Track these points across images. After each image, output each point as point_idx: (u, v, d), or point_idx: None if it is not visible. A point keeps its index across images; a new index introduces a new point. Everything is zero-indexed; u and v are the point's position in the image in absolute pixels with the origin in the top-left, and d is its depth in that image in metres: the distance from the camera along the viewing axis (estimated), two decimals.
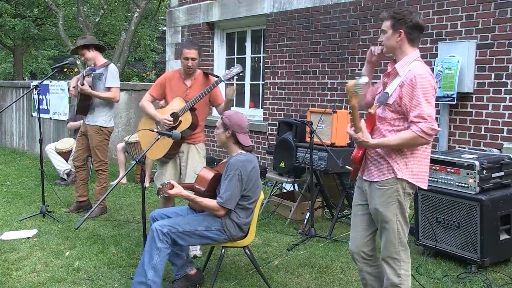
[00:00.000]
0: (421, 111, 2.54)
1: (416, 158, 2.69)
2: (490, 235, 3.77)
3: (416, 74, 2.60)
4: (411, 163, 2.68)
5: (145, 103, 4.28)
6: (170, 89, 4.23)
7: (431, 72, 2.66)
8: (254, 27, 8.33)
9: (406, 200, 2.73)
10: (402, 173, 2.67)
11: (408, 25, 2.67)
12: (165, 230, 3.16)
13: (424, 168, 2.73)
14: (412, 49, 2.73)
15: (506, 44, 5.15)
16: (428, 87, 2.58)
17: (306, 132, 4.94)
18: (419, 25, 2.70)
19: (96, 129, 5.26)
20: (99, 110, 5.27)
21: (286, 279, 3.71)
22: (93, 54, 5.27)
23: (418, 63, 2.68)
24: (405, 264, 2.76)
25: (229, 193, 3.21)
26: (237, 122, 3.34)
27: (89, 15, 16.03)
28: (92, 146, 5.31)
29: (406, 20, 2.68)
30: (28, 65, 22.98)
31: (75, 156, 5.52)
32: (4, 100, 10.85)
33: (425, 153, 2.71)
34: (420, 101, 2.55)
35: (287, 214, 5.29)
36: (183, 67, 4.15)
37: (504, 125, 5.19)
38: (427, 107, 2.55)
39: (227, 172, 3.26)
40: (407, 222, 2.76)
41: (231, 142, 3.38)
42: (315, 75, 7.02)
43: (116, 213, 5.52)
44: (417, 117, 2.55)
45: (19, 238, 4.54)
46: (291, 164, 5.19)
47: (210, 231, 3.28)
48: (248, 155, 3.37)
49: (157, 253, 3.15)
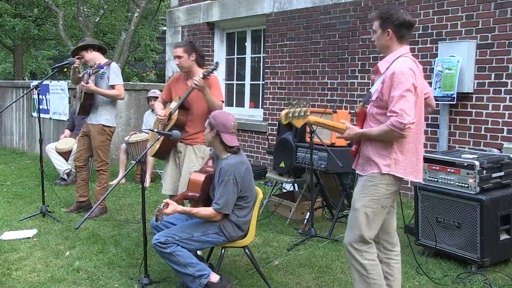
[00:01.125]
0: (393, 106, 2.64)
1: (405, 152, 2.77)
2: (490, 235, 3.77)
3: (395, 70, 2.68)
4: (400, 157, 2.76)
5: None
6: (174, 90, 4.33)
7: (412, 67, 2.72)
8: (254, 27, 8.33)
9: (385, 197, 2.80)
10: (388, 168, 2.75)
11: (395, 24, 2.76)
12: (163, 239, 3.17)
13: (414, 162, 2.80)
14: (400, 46, 2.81)
15: (506, 44, 5.15)
16: (404, 83, 2.65)
17: (306, 132, 4.94)
18: (406, 21, 2.77)
19: (99, 128, 5.25)
20: (102, 109, 5.26)
21: (286, 279, 3.71)
22: (92, 55, 5.27)
23: (402, 59, 2.75)
24: (368, 254, 2.84)
25: (225, 198, 3.19)
26: (222, 122, 3.28)
27: (89, 15, 16.04)
28: (94, 146, 5.30)
29: (392, 19, 2.76)
30: (28, 65, 22.99)
31: (76, 156, 5.51)
32: (4, 100, 10.85)
33: (414, 147, 2.79)
34: (394, 96, 2.65)
35: (287, 214, 5.29)
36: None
37: (504, 125, 5.20)
38: (399, 102, 2.63)
39: (221, 178, 3.22)
40: (374, 220, 2.82)
41: (217, 142, 3.33)
42: (315, 75, 7.02)
43: (116, 213, 5.52)
44: (390, 111, 2.66)
45: (19, 238, 4.54)
46: (291, 164, 5.19)
47: (207, 235, 3.27)
48: (239, 157, 3.32)
49: (175, 256, 3.16)
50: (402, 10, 2.79)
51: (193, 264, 3.20)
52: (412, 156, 2.79)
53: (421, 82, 2.81)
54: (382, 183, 2.79)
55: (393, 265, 2.98)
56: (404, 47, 2.82)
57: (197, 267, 3.20)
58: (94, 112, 5.28)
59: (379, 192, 2.79)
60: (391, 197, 2.86)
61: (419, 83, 2.76)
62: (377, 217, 2.84)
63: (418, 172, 2.83)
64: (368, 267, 2.82)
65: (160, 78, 18.83)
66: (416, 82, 2.70)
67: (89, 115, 5.31)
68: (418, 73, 2.78)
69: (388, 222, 2.99)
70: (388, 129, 2.66)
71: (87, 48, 5.26)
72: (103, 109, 5.26)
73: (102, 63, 5.20)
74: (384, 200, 2.82)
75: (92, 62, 5.25)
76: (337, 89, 6.75)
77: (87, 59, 5.26)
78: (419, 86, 2.75)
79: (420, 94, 2.78)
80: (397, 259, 3.01)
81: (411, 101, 2.65)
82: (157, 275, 3.74)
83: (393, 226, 3.03)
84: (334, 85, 6.78)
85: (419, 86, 2.75)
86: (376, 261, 2.87)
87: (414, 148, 2.80)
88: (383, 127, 2.70)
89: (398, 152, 2.76)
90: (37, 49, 21.90)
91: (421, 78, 2.83)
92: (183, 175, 4.17)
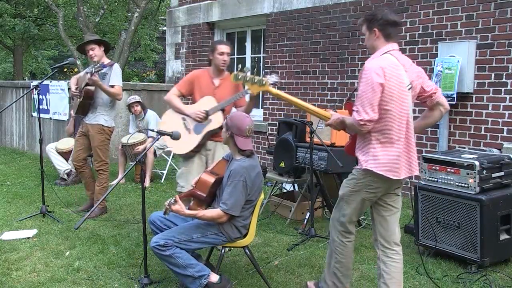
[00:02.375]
0: (356, 101, 2.82)
1: (385, 149, 2.85)
2: (490, 235, 3.77)
3: (365, 66, 2.84)
4: (379, 153, 2.85)
5: (172, 97, 4.28)
6: (199, 87, 4.26)
7: (386, 66, 2.79)
8: (254, 27, 8.34)
9: (366, 191, 2.95)
10: (366, 164, 2.88)
11: (379, 23, 2.90)
12: (162, 242, 3.16)
13: (394, 159, 2.85)
14: (385, 44, 2.92)
15: (506, 44, 5.15)
16: (368, 80, 2.76)
17: (306, 132, 4.94)
18: (390, 20, 2.89)
19: (98, 128, 5.25)
20: (101, 109, 5.26)
21: (286, 279, 3.71)
22: (101, 52, 5.30)
23: (384, 56, 2.86)
24: (343, 236, 3.11)
25: (234, 200, 3.18)
26: (237, 125, 3.28)
27: (89, 15, 16.03)
28: (93, 146, 5.30)
29: (377, 18, 2.91)
30: (28, 65, 22.97)
31: (74, 157, 5.48)
32: (4, 100, 10.85)
33: (396, 145, 2.85)
34: (358, 92, 2.83)
35: (287, 214, 5.29)
36: (217, 63, 4.20)
37: (504, 125, 5.20)
38: (360, 99, 2.78)
39: (231, 178, 3.21)
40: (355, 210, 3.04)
41: (231, 143, 3.34)
42: (315, 75, 7.02)
43: (116, 213, 5.51)
44: (354, 105, 2.85)
45: (19, 238, 4.54)
46: (291, 164, 5.19)
47: (206, 237, 3.27)
48: (252, 160, 3.32)
49: (174, 258, 3.16)
50: (386, 10, 2.92)
51: (193, 265, 3.19)
52: (393, 153, 2.85)
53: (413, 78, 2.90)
54: (362, 178, 2.93)
55: (390, 264, 3.00)
56: (390, 44, 2.92)
57: (197, 268, 3.20)
58: (93, 112, 5.27)
59: (359, 186, 2.96)
60: (376, 192, 2.95)
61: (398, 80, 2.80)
62: (356, 208, 3.04)
63: (399, 170, 2.86)
64: (337, 243, 3.12)
65: (160, 78, 18.81)
66: (386, 81, 2.75)
67: (87, 115, 5.30)
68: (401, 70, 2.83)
69: (386, 221, 3.03)
70: (352, 122, 2.84)
71: (100, 44, 5.29)
72: (102, 110, 5.26)
73: (105, 63, 5.21)
74: (365, 193, 2.96)
75: (98, 58, 5.25)
76: (337, 89, 6.75)
77: (96, 54, 5.24)
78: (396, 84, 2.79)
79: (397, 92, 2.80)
80: (395, 258, 3.01)
81: (372, 99, 2.74)
82: (157, 275, 3.74)
83: (392, 225, 3.04)
84: (334, 85, 6.78)
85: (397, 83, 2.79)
86: (347, 245, 3.12)
87: (396, 146, 2.85)
88: (350, 119, 2.88)
89: (377, 148, 2.85)
90: (37, 49, 21.87)
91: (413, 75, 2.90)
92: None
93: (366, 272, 3.84)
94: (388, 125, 2.82)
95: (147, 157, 6.95)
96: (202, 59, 8.86)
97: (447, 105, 3.07)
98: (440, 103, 3.02)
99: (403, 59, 2.91)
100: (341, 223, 3.11)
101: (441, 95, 3.04)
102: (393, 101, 2.79)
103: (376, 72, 2.75)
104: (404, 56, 2.95)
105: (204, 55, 8.80)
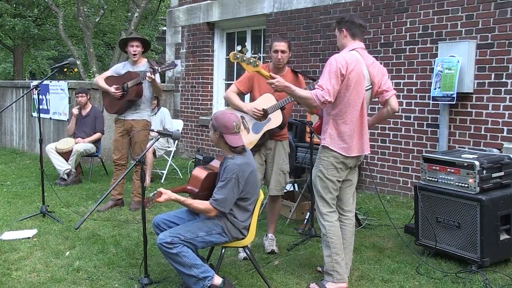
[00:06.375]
0: (320, 81, 3.23)
1: (340, 131, 3.32)
2: (490, 235, 3.77)
3: (332, 57, 3.24)
4: (334, 134, 3.34)
5: (231, 94, 4.24)
6: (258, 85, 4.18)
7: (350, 60, 3.22)
8: (254, 27, 8.34)
9: (329, 168, 3.37)
10: (324, 141, 3.38)
11: (346, 23, 3.36)
12: (169, 239, 3.15)
13: (348, 141, 3.33)
14: (352, 42, 3.35)
15: (506, 44, 5.16)
16: (332, 66, 3.19)
17: (306, 132, 4.94)
18: (356, 22, 3.34)
19: (144, 124, 5.50)
20: (144, 106, 5.53)
21: (286, 279, 3.71)
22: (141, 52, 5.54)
23: (350, 53, 3.27)
24: (328, 217, 3.42)
25: (224, 196, 3.18)
26: (223, 123, 3.26)
27: (89, 15, 16.03)
28: (137, 141, 5.47)
29: (344, 19, 3.38)
30: (28, 65, 22.99)
31: (119, 156, 5.59)
32: (4, 100, 10.85)
33: (350, 130, 3.31)
34: (323, 75, 3.22)
35: (287, 214, 5.29)
36: (273, 61, 4.13)
37: (504, 125, 5.20)
38: (325, 80, 3.19)
39: (224, 175, 3.22)
40: (327, 187, 3.40)
41: (222, 143, 3.32)
42: (315, 75, 7.02)
43: (116, 213, 5.52)
44: (317, 84, 3.24)
45: (19, 238, 4.54)
46: (291, 164, 5.19)
47: (211, 236, 3.27)
48: (245, 157, 3.31)
49: (181, 257, 3.14)
50: (353, 14, 3.49)
51: (198, 265, 3.18)
52: (347, 137, 3.32)
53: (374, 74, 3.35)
54: (323, 155, 3.40)
55: (343, 227, 3.50)
56: (356, 42, 3.36)
57: (202, 269, 3.19)
58: (136, 110, 5.49)
59: (323, 164, 3.40)
60: (338, 170, 3.38)
61: (357, 74, 3.24)
62: (328, 183, 3.39)
63: (350, 149, 3.34)
64: (327, 227, 3.41)
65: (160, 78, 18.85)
66: (348, 73, 3.19)
67: (126, 112, 5.48)
68: (362, 65, 3.27)
69: (342, 191, 3.51)
70: (310, 96, 3.21)
71: (143, 44, 5.54)
72: (145, 106, 5.55)
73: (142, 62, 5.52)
74: (329, 170, 3.37)
75: (138, 58, 5.49)
76: None
77: (139, 52, 5.47)
78: (355, 76, 3.23)
79: (354, 83, 3.24)
80: (347, 222, 3.54)
81: (335, 85, 3.17)
82: (157, 275, 3.74)
83: (347, 195, 3.53)
84: None
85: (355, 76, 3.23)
86: (334, 223, 3.42)
87: (350, 130, 3.31)
88: (306, 92, 3.29)
89: (334, 129, 3.34)
90: (37, 49, 21.88)
91: (375, 72, 3.35)
92: (274, 172, 4.23)
93: (366, 272, 3.84)
94: (343, 110, 3.29)
95: (147, 157, 6.94)
96: (202, 59, 8.86)
97: (396, 108, 3.47)
98: (389, 102, 3.43)
99: (367, 56, 3.35)
100: (320, 198, 3.44)
101: (394, 97, 3.44)
102: (350, 91, 3.25)
103: (341, 62, 3.19)
104: (368, 55, 3.39)
105: (204, 55, 8.81)
